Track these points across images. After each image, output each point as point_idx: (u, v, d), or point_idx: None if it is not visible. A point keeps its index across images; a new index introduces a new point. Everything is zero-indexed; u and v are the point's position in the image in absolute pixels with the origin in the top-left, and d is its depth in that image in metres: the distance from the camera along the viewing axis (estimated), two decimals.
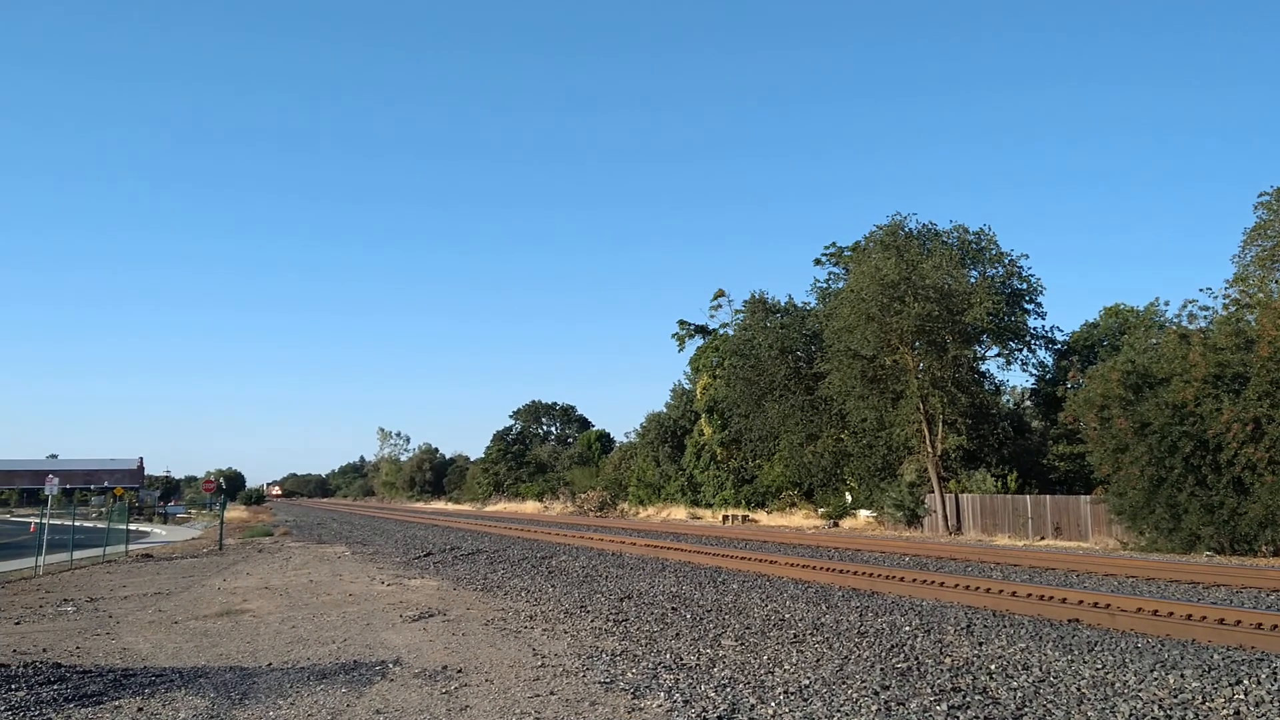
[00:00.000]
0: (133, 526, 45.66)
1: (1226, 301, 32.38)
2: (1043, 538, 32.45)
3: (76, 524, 33.92)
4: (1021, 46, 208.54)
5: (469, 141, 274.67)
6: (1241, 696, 8.02)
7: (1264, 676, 8.64)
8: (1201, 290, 47.50)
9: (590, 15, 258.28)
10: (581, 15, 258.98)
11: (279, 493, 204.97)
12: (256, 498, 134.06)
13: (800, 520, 48.27)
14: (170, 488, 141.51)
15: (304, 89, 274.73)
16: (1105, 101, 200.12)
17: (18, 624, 15.05)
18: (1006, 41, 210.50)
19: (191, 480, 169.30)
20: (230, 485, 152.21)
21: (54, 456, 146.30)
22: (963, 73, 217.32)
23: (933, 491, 38.45)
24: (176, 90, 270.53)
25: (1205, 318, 30.95)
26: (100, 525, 41.89)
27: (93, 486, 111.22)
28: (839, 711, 7.79)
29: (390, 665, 10.40)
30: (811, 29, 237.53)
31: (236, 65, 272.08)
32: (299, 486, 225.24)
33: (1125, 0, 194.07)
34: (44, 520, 28.93)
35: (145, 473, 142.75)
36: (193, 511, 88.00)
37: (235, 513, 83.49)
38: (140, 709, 8.66)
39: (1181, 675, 8.77)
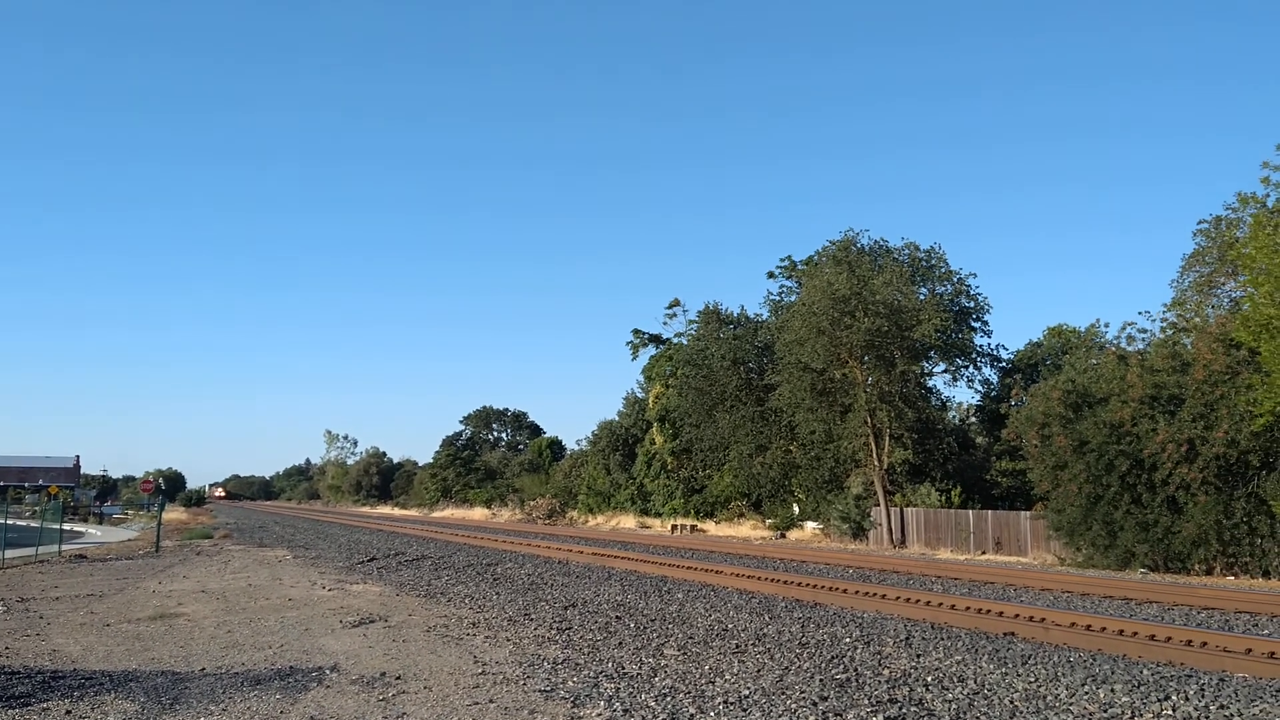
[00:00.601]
0: (67, 526, 44.55)
1: (1164, 325, 33.24)
2: (984, 552, 32.96)
3: (8, 522, 32.98)
4: (981, 56, 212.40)
5: (419, 149, 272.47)
6: (1170, 712, 8.20)
7: (1192, 693, 8.86)
8: (1140, 313, 48.78)
9: (547, 27, 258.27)
10: (539, 26, 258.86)
11: (222, 494, 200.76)
12: (196, 499, 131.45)
13: (748, 531, 48.48)
14: (107, 487, 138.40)
15: (266, 100, 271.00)
16: (1055, 119, 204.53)
17: None
18: (963, 50, 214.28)
19: (129, 480, 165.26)
20: (170, 486, 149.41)
21: None
22: (928, 80, 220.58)
23: (878, 505, 38.87)
24: (162, 102, 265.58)
25: (1143, 340, 31.74)
26: (33, 524, 40.78)
27: (27, 484, 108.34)
28: None
29: (327, 671, 10.26)
30: (766, 41, 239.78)
31: (204, 81, 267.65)
32: (242, 488, 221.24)
33: (1080, 9, 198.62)
34: None
35: (81, 471, 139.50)
36: (130, 512, 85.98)
37: (174, 514, 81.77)
38: (69, 712, 8.46)
39: (1112, 689, 8.95)
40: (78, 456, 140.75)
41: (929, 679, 9.54)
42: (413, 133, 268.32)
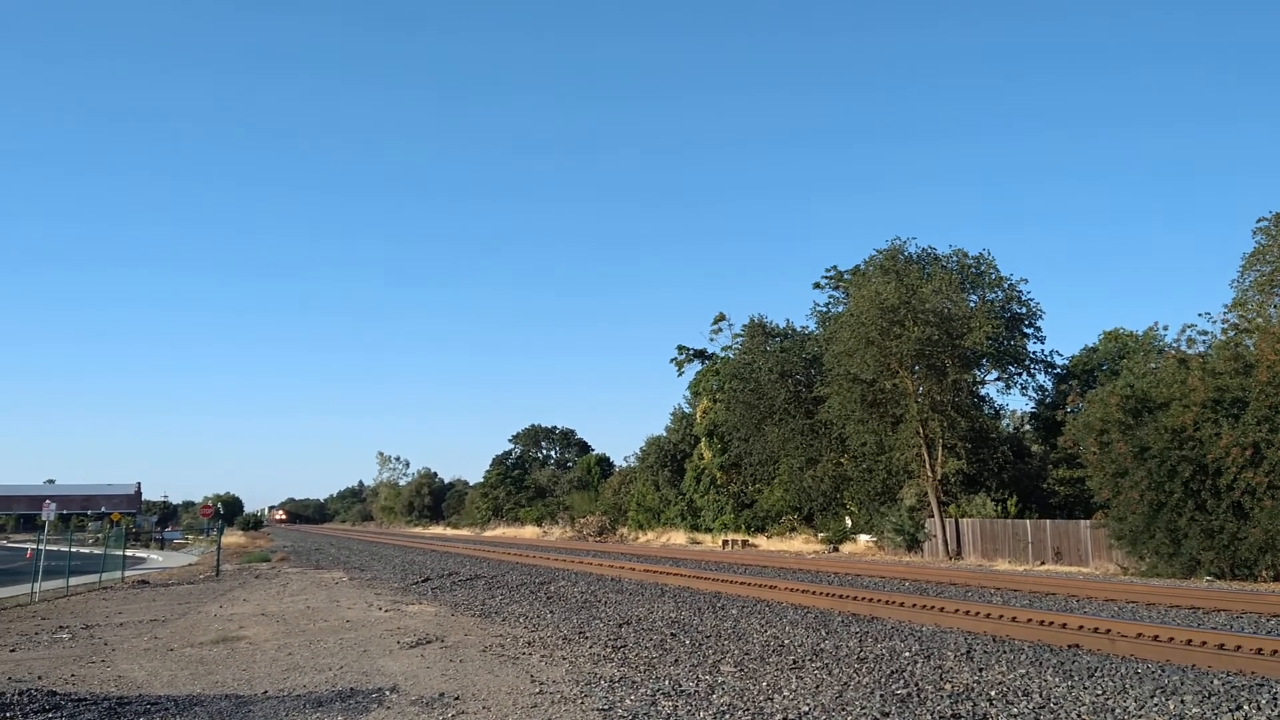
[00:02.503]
0: (129, 552, 45.43)
1: (1225, 326, 32.44)
2: (1043, 563, 32.35)
3: (73, 550, 33.76)
4: (1022, 85, 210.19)
5: (469, 177, 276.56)
6: None
7: (1264, 702, 8.60)
8: (1200, 315, 47.55)
9: (594, 59, 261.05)
10: (585, 59, 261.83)
11: (283, 516, 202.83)
12: (254, 523, 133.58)
13: (800, 545, 48.09)
14: (168, 513, 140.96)
15: (301, 123, 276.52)
16: (1104, 121, 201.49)
17: (13, 651, 14.97)
18: (1007, 82, 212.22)
19: (189, 505, 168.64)
20: (228, 510, 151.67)
21: (51, 481, 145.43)
22: (962, 118, 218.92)
23: (933, 516, 38.35)
24: (180, 131, 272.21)
25: (1204, 342, 31.00)
26: (97, 551, 41.71)
27: (90, 512, 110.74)
28: None
29: (387, 692, 10.34)
30: (815, 70, 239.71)
31: (244, 106, 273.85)
32: (297, 511, 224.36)
33: (1123, 40, 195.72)
34: (40, 546, 28.78)
35: (143, 498, 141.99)
36: (190, 537, 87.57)
37: (233, 538, 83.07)
38: None
39: (1182, 701, 8.72)
40: (139, 483, 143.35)
41: (993, 693, 9.37)
42: (463, 160, 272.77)
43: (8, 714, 9.49)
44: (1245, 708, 8.42)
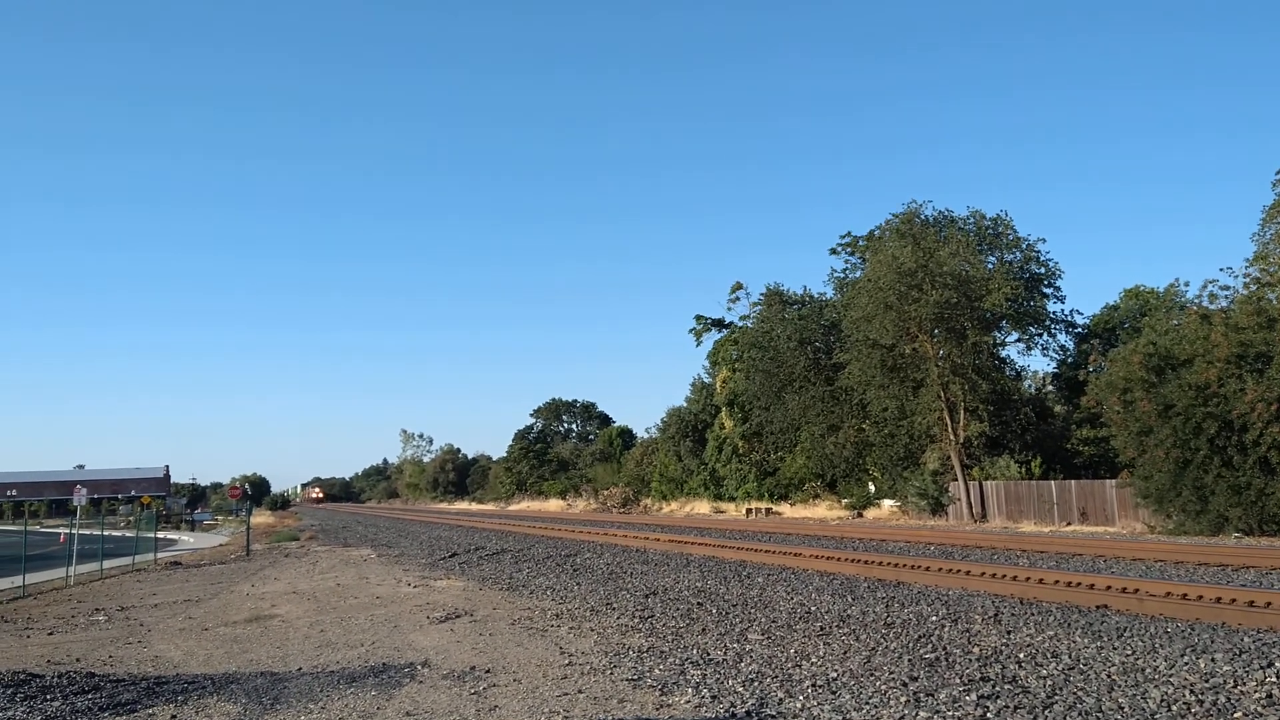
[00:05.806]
0: (161, 534, 46.05)
1: (1247, 280, 32.03)
2: (1069, 523, 32.26)
3: (105, 533, 34.24)
4: (1034, 48, 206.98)
5: (488, 156, 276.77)
6: (1274, 679, 7.94)
7: None
8: (1222, 270, 46.81)
9: (607, 35, 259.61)
10: (599, 36, 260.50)
11: (319, 495, 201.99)
12: (282, 503, 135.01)
13: (824, 511, 48.14)
14: (197, 495, 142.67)
15: (323, 107, 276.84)
16: (1121, 78, 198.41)
17: (50, 634, 15.23)
18: (1020, 44, 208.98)
19: (218, 487, 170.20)
20: (255, 490, 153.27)
21: (81, 467, 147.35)
22: (976, 75, 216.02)
23: (956, 480, 38.29)
24: (199, 108, 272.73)
25: (1226, 297, 30.64)
26: (129, 534, 42.30)
27: (120, 496, 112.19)
28: (867, 703, 7.78)
29: (419, 667, 10.46)
30: (826, 35, 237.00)
31: (244, 84, 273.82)
32: (324, 489, 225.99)
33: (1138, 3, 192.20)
34: (73, 530, 29.24)
35: (172, 480, 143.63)
36: (219, 518, 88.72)
37: (261, 518, 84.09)
38: (174, 716, 8.74)
39: (1212, 659, 8.70)
40: (167, 466, 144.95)
41: (1021, 655, 9.38)
42: (480, 137, 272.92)
43: (48, 696, 9.67)
44: (1277, 664, 8.38)
